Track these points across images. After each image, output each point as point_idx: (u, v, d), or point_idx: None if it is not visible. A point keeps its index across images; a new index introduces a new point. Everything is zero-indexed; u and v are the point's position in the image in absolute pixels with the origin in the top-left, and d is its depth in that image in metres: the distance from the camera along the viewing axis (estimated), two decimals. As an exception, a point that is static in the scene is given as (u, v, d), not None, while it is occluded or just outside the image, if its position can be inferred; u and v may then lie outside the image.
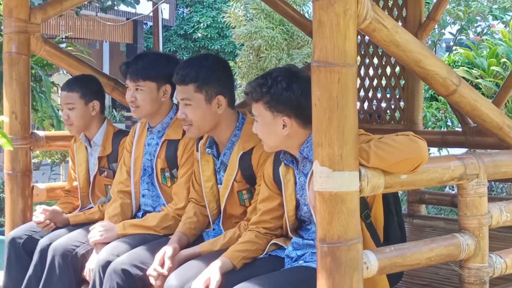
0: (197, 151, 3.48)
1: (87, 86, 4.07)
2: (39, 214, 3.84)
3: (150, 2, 12.80)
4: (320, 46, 2.37)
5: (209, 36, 22.68)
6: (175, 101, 3.65)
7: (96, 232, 3.53)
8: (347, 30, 2.35)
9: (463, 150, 4.67)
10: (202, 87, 3.26)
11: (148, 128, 3.78)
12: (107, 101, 16.61)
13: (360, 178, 2.40)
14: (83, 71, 4.36)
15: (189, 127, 3.32)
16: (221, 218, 3.43)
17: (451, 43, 13.35)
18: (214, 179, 3.43)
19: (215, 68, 3.30)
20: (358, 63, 5.18)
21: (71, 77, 4.34)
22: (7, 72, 4.04)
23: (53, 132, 5.10)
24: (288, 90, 2.81)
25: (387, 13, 4.91)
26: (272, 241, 3.09)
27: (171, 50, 22.71)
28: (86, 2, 5.52)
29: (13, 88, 4.02)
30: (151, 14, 17.63)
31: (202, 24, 22.70)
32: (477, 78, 9.24)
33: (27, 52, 4.07)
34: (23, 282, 3.74)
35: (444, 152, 7.46)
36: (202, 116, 3.28)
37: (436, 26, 11.25)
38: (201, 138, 3.45)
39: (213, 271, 2.89)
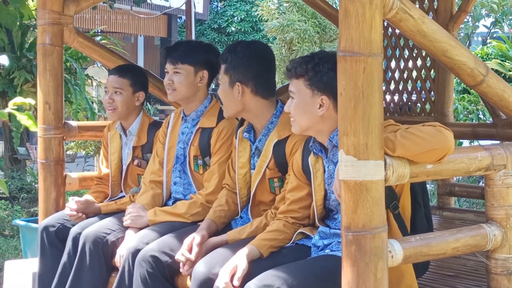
0: (236, 138, 3.53)
1: (137, 76, 4.17)
2: (72, 205, 3.90)
3: (184, -4, 12.87)
4: (346, 35, 2.38)
5: (242, 30, 22.73)
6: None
7: (128, 215, 3.60)
8: (373, 20, 2.35)
9: (495, 142, 4.64)
10: (227, 71, 3.36)
11: (182, 117, 3.84)
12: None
13: (385, 167, 2.40)
14: (115, 63, 4.41)
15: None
16: (250, 204, 3.46)
17: (487, 37, 13.23)
18: (249, 166, 3.47)
19: (244, 54, 3.35)
20: (388, 55, 5.17)
21: (106, 69, 4.40)
22: (41, 63, 4.11)
23: (85, 122, 5.17)
24: (333, 71, 2.80)
25: (418, 4, 4.92)
26: (299, 230, 3.11)
27: (205, 44, 22.76)
28: (119, -5, 5.57)
29: (47, 79, 4.08)
30: (185, 7, 17.70)
31: (236, 18, 22.75)
32: (510, 71, 9.15)
33: (61, 44, 4.13)
34: (57, 268, 3.82)
35: (475, 144, 7.40)
36: (225, 96, 3.39)
37: (469, 19, 11.16)
38: (240, 125, 3.49)
39: (240, 259, 2.92)
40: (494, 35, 12.75)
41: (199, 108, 3.77)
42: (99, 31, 14.04)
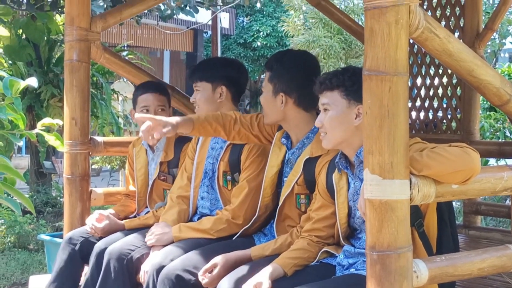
0: (274, 135, 3.54)
1: (168, 93, 4.23)
2: (96, 223, 3.92)
3: (210, 11, 12.93)
4: (372, 54, 2.38)
5: (268, 45, 22.75)
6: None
7: (153, 235, 3.61)
8: (398, 39, 2.35)
9: (522, 161, 4.61)
10: (272, 79, 3.37)
11: None
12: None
13: (410, 187, 2.39)
14: (141, 79, 4.44)
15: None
16: (275, 219, 3.45)
17: (514, 53, 13.15)
18: (279, 168, 3.46)
19: (290, 65, 3.36)
20: (414, 73, 5.16)
21: (133, 85, 4.43)
22: (68, 79, 4.14)
23: (111, 138, 5.20)
24: None
25: (444, 22, 4.90)
26: (324, 249, 3.10)
27: (231, 58, 22.83)
28: (146, 11, 5.61)
29: (74, 95, 4.12)
30: (211, 23, 17.79)
31: (261, 33, 22.77)
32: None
33: (88, 60, 4.17)
34: (74, 284, 3.84)
35: (502, 163, 7.34)
36: (267, 105, 3.40)
37: (496, 36, 11.10)
38: (280, 128, 3.51)
39: (264, 277, 2.91)
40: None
41: None
42: (126, 46, 14.13)
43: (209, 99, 3.78)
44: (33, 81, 1.58)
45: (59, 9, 7.44)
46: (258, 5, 16.54)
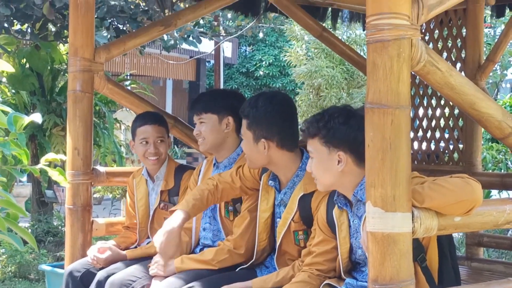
0: (260, 180, 3.53)
1: (166, 123, 4.23)
2: (98, 254, 3.92)
3: (213, 41, 13.01)
4: (374, 88, 2.40)
5: (270, 74, 22.86)
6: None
7: (155, 264, 3.60)
8: (400, 73, 2.37)
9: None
10: (250, 126, 3.35)
11: (214, 164, 3.86)
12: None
13: (412, 220, 2.40)
14: (144, 109, 4.45)
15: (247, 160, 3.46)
16: (276, 254, 3.45)
17: (515, 84, 13.20)
18: (271, 211, 3.46)
19: (267, 110, 3.33)
20: (416, 104, 5.17)
21: (134, 114, 4.45)
22: (71, 109, 4.16)
23: (113, 168, 5.21)
24: (345, 125, 2.84)
25: (446, 54, 4.92)
26: (326, 282, 3.09)
27: (233, 87, 22.95)
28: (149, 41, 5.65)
29: (76, 125, 4.13)
30: (214, 52, 17.88)
31: (264, 62, 22.90)
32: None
33: (91, 90, 4.18)
34: None
35: (504, 194, 7.34)
36: (250, 151, 3.39)
37: (498, 67, 11.14)
38: (266, 169, 3.50)
39: (265, 309, 2.90)
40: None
41: (232, 155, 3.79)
42: (129, 75, 14.20)
43: (216, 130, 3.77)
44: (37, 117, 1.59)
45: (63, 39, 7.48)
46: (261, 35, 16.67)
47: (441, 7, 2.53)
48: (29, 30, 7.69)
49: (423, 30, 5.03)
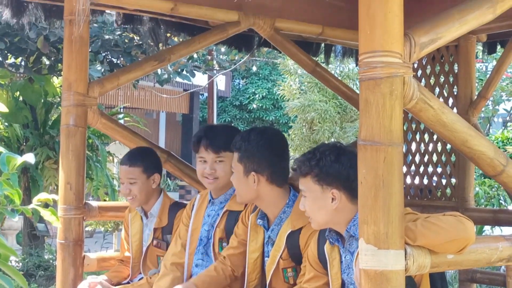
0: (247, 222, 3.52)
1: (148, 160, 4.17)
2: None
3: (207, 74, 13.05)
4: (367, 125, 2.40)
5: (264, 107, 22.92)
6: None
7: None
8: (393, 110, 2.38)
9: (516, 229, 4.60)
10: (241, 159, 3.36)
11: (210, 200, 3.84)
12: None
13: (405, 257, 2.39)
14: (137, 144, 4.45)
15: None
16: None
17: (508, 118, 13.25)
18: (261, 251, 3.44)
19: (259, 144, 3.35)
20: (409, 139, 5.19)
21: (128, 148, 4.44)
22: (64, 144, 4.15)
23: (106, 203, 5.20)
24: (337, 162, 2.84)
25: (438, 90, 4.96)
26: (318, 317, 3.07)
27: (226, 120, 22.99)
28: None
29: (69, 159, 4.12)
30: (207, 85, 17.94)
31: (257, 96, 22.96)
32: (531, 156, 9.13)
33: (84, 125, 4.18)
34: None
35: (497, 230, 7.33)
36: (239, 185, 3.39)
37: (490, 103, 11.20)
38: (254, 209, 3.49)
39: None
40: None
41: (228, 192, 3.77)
42: (122, 107, 14.23)
43: (231, 169, 3.61)
44: (30, 157, 1.59)
45: (57, 72, 7.51)
46: (254, 68, 16.73)
47: (433, 45, 2.55)
48: (23, 63, 7.72)
49: (415, 66, 5.07)
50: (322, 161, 2.87)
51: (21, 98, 8.17)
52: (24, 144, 8.15)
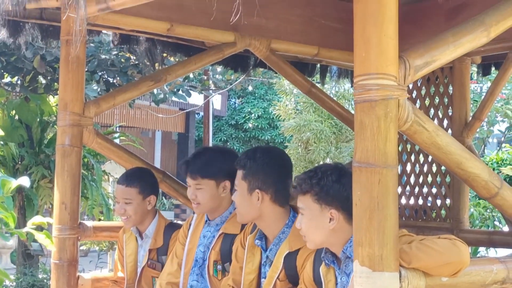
0: (245, 242, 3.51)
1: (145, 181, 4.17)
2: None
3: (203, 94, 13.07)
4: (361, 147, 2.41)
5: (259, 126, 22.93)
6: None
7: None
8: (388, 133, 2.39)
9: (511, 250, 4.60)
10: (246, 177, 3.34)
11: (206, 221, 3.83)
12: (157, 189, 16.76)
13: (400, 279, 2.39)
14: (133, 164, 4.45)
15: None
16: None
17: (502, 139, 13.28)
18: (257, 272, 3.43)
19: (264, 161, 3.35)
20: (404, 160, 5.20)
21: (124, 168, 4.44)
22: (59, 164, 4.15)
23: (100, 223, 5.18)
24: (338, 183, 2.84)
25: (433, 111, 4.97)
26: None
27: (222, 139, 22.99)
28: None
29: (64, 179, 4.12)
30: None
31: (253, 115, 22.98)
32: (525, 177, 9.15)
33: (80, 145, 4.18)
34: None
35: (492, 252, 7.34)
36: (242, 203, 3.37)
37: (484, 124, 11.24)
38: (252, 231, 3.48)
39: None
40: (510, 138, 12.81)
41: (224, 214, 3.77)
42: (118, 126, 14.23)
43: (214, 196, 3.72)
44: (25, 181, 1.60)
45: (53, 91, 7.51)
46: (250, 88, 16.77)
47: (428, 68, 2.56)
48: (19, 82, 7.72)
49: (410, 87, 5.09)
50: (323, 180, 2.87)
51: (17, 117, 8.16)
52: (20, 163, 8.13)
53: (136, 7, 3.72)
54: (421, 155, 5.14)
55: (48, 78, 7.31)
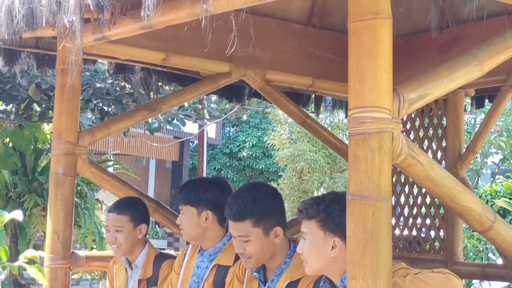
0: (241, 276, 3.49)
1: (136, 210, 4.16)
2: None
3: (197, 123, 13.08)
4: (355, 179, 2.42)
5: (254, 155, 22.92)
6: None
7: None
8: (382, 165, 2.40)
9: (505, 283, 4.60)
10: (259, 222, 3.28)
11: (199, 251, 3.82)
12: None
13: (393, 313, 2.38)
14: (126, 193, 4.44)
15: (248, 260, 3.33)
16: None
17: (496, 170, 13.30)
18: None
19: (269, 200, 3.34)
20: (398, 191, 5.21)
21: (117, 197, 4.43)
22: (52, 193, 4.13)
23: (93, 253, 5.16)
24: (344, 212, 2.83)
25: (427, 143, 4.99)
26: None
27: (216, 168, 22.96)
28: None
29: (57, 208, 4.10)
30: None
31: (247, 144, 22.98)
32: (519, 211, 9.15)
33: (73, 174, 4.17)
34: None
35: (485, 284, 7.32)
36: (260, 249, 3.29)
37: (478, 155, 11.28)
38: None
39: None
40: (504, 170, 12.82)
41: (217, 245, 3.75)
42: (112, 154, 14.22)
43: (195, 224, 3.72)
44: (18, 215, 1.59)
45: (48, 119, 7.50)
46: (245, 117, 16.79)
47: (422, 101, 2.57)
48: (14, 110, 7.72)
49: (404, 119, 5.11)
50: (331, 208, 2.86)
51: (10, 144, 8.14)
52: (13, 190, 8.10)
53: (132, 37, 3.73)
54: (415, 187, 5.15)
55: (43, 106, 7.30)
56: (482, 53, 2.72)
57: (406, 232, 5.20)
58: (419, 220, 5.13)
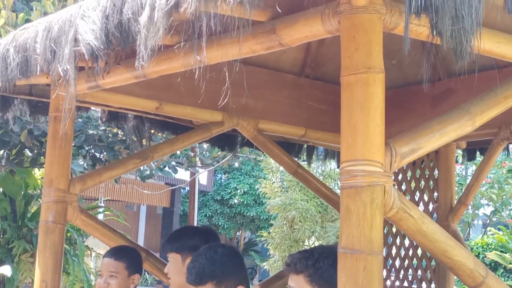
0: None
1: (132, 259, 4.16)
2: None
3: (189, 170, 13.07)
4: (347, 233, 2.41)
5: (245, 202, 22.88)
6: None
7: None
8: (373, 219, 2.39)
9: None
10: (221, 283, 3.26)
11: None
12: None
13: None
14: (117, 242, 4.41)
15: None
16: None
17: (487, 222, 13.30)
18: None
19: (227, 260, 3.31)
20: (389, 243, 5.19)
21: (107, 245, 4.40)
22: (42, 240, 4.10)
23: (81, 301, 5.11)
24: (333, 267, 2.80)
25: (419, 194, 4.99)
26: None
27: (207, 215, 22.88)
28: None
29: (46, 256, 4.06)
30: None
31: (239, 191, 22.95)
32: (510, 263, 9.12)
33: (63, 222, 4.13)
34: None
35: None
36: None
37: (470, 207, 11.29)
38: None
39: None
40: (495, 222, 12.82)
41: None
42: (103, 201, 14.17)
43: (179, 271, 3.70)
44: (7, 270, 1.58)
45: (39, 165, 7.48)
46: (237, 164, 16.78)
47: (414, 155, 2.58)
48: (5, 155, 7.70)
49: (396, 170, 5.11)
50: (319, 263, 2.84)
51: (1, 190, 8.10)
52: (1, 236, 8.04)
53: (126, 86, 3.75)
54: (406, 238, 5.13)
55: (35, 151, 7.28)
56: (474, 108, 2.74)
57: (397, 283, 5.17)
58: (410, 272, 5.10)
